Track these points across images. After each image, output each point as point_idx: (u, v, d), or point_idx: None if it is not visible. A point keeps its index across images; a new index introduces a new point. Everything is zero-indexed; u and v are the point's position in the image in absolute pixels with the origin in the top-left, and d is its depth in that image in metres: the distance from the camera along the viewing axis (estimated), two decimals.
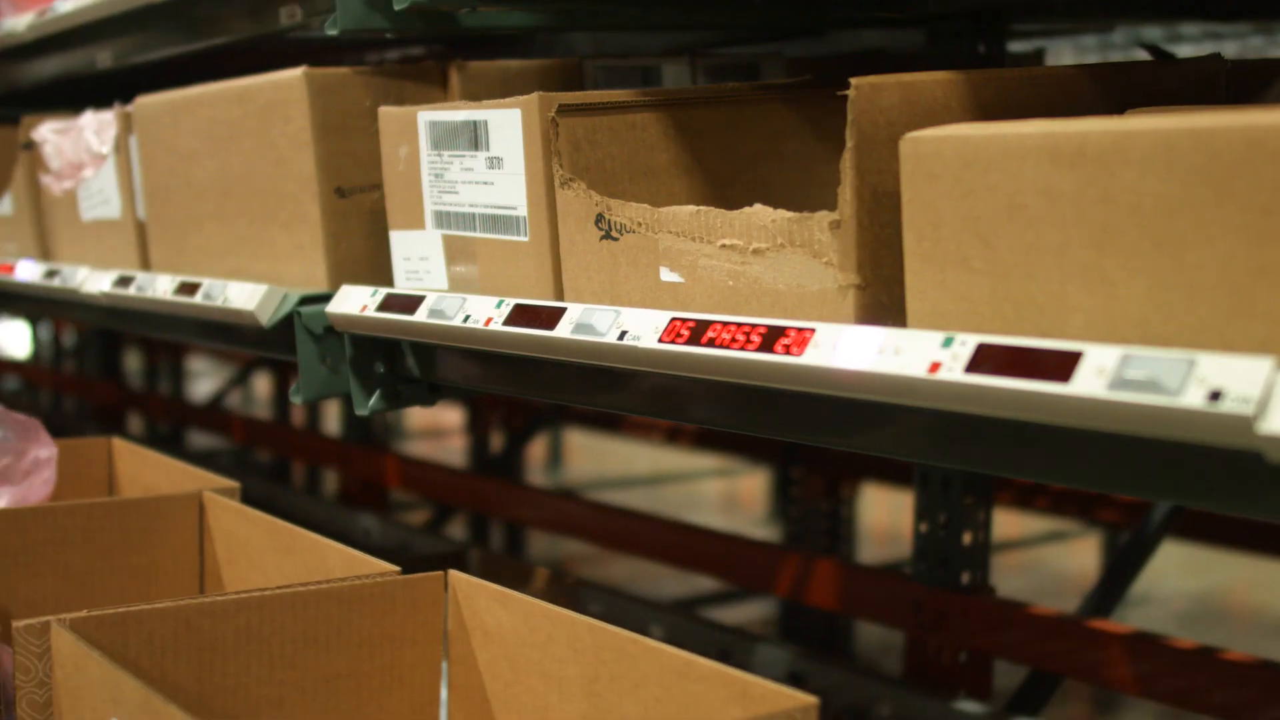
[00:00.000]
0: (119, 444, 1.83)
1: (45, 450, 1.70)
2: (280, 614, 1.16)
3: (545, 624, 1.12)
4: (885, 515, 4.35)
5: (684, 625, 2.19)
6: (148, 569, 1.53)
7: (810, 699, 1.06)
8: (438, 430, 5.68)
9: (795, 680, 1.97)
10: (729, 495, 4.99)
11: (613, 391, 1.26)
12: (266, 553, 1.42)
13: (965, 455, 0.98)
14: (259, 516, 1.43)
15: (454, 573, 1.21)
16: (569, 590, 2.33)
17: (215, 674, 1.14)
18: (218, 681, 1.14)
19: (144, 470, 1.78)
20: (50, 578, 1.48)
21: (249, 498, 1.54)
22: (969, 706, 1.82)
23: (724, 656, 2.08)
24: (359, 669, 1.19)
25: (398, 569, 1.21)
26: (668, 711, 1.02)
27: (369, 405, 1.51)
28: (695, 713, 1.00)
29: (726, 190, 1.34)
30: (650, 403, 1.23)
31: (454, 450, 4.88)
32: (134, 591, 1.53)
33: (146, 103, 1.84)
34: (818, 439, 1.08)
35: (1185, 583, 3.73)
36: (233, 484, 1.57)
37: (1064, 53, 3.11)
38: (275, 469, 4.15)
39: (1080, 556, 3.94)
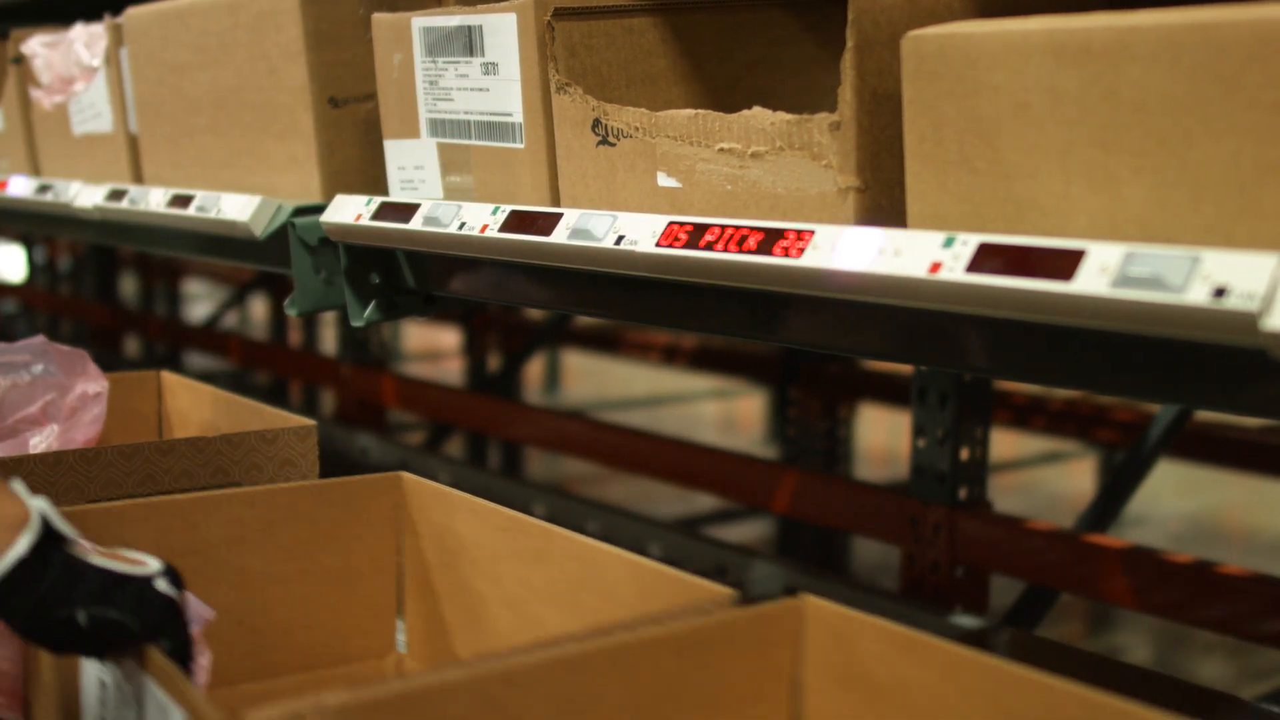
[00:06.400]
0: (168, 378, 1.66)
1: (94, 385, 1.51)
2: (603, 674, 0.85)
3: (986, 683, 0.83)
4: (882, 438, 4.35)
5: (682, 543, 2.20)
6: (340, 574, 1.25)
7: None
8: (435, 352, 5.68)
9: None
10: (727, 417, 4.99)
11: (608, 298, 1.25)
12: (503, 559, 1.14)
13: (966, 358, 0.97)
14: (489, 508, 1.15)
15: (812, 599, 0.92)
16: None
17: None
18: None
19: (199, 407, 1.56)
20: (224, 586, 1.19)
21: None
22: (966, 621, 1.83)
23: (720, 573, 2.09)
24: None
25: (732, 593, 0.91)
26: None
27: (364, 316, 1.50)
28: None
29: (725, 98, 1.32)
30: (646, 310, 1.22)
31: (451, 372, 4.88)
32: (327, 605, 1.24)
33: (137, 14, 1.81)
34: (816, 344, 1.08)
35: (1179, 504, 3.74)
36: (307, 421, 1.32)
37: None
38: (273, 390, 4.15)
39: (1076, 478, 3.95)
